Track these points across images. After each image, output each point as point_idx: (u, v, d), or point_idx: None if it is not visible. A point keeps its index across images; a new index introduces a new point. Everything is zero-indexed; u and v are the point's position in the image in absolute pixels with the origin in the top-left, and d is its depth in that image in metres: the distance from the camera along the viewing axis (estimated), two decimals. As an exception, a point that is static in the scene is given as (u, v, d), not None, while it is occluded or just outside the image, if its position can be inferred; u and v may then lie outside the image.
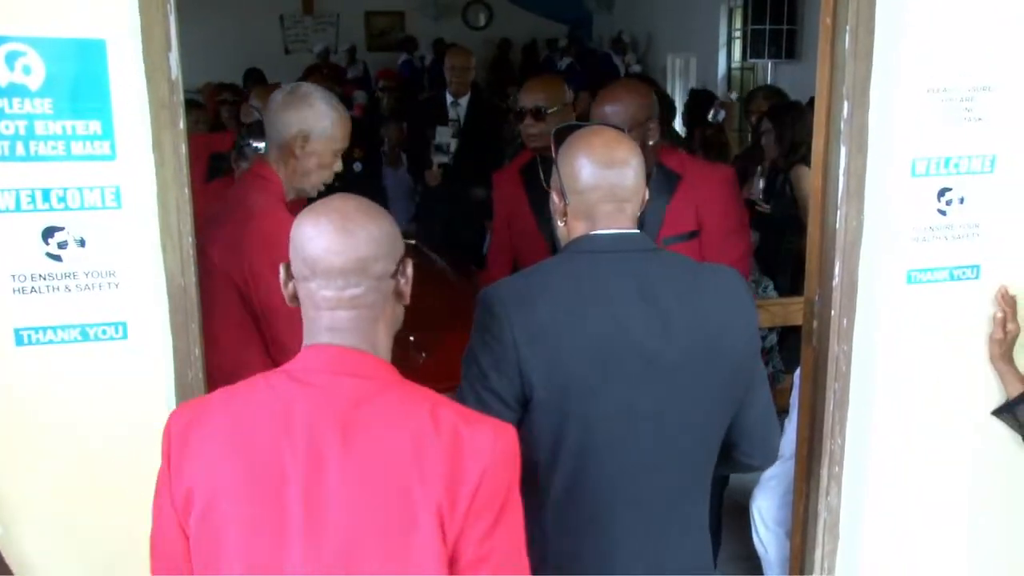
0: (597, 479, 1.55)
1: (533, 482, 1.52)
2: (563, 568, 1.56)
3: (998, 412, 2.32)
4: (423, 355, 2.65)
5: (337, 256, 1.30)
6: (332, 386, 1.27)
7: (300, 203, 2.75)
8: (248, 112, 4.10)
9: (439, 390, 1.34)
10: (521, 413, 1.53)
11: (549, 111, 2.87)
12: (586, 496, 1.56)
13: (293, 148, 2.30)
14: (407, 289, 1.38)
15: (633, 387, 1.52)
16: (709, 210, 2.55)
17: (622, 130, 2.41)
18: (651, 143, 2.50)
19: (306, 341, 1.33)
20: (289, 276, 1.36)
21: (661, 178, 2.53)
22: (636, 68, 9.89)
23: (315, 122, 2.31)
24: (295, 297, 1.36)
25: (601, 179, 1.57)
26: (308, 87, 2.41)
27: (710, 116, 5.80)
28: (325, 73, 7.46)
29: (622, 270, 1.55)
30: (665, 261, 1.62)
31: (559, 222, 1.64)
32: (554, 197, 1.65)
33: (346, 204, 1.34)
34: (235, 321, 2.26)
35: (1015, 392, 2.26)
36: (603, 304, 1.52)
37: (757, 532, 2.90)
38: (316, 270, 1.31)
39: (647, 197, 1.64)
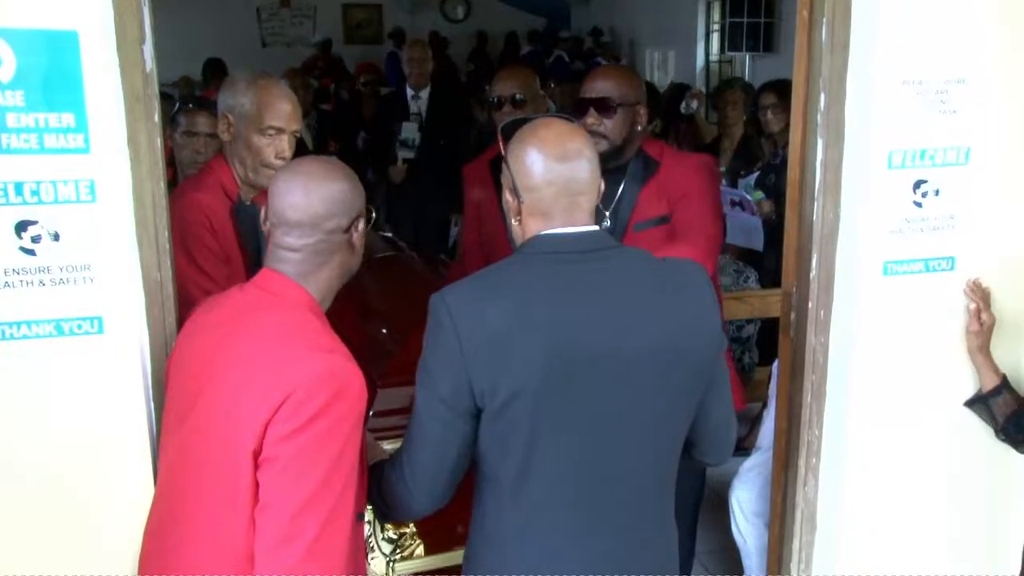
0: (560, 485, 1.53)
1: (498, 492, 1.55)
2: (531, 571, 1.55)
3: (970, 403, 2.34)
4: (395, 347, 2.66)
5: (294, 211, 1.61)
6: (245, 294, 1.65)
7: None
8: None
9: (411, 382, 1.55)
10: (474, 423, 1.51)
11: (524, 100, 2.91)
12: (551, 502, 1.54)
13: (223, 135, 2.31)
14: (359, 242, 1.68)
15: (590, 391, 1.48)
16: (683, 191, 2.52)
17: (612, 108, 2.45)
18: (639, 128, 2.52)
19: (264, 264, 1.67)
20: (266, 217, 1.67)
21: (640, 164, 2.54)
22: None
23: (233, 100, 2.30)
24: (270, 233, 1.66)
25: (555, 174, 1.52)
26: (262, 73, 2.42)
27: (683, 107, 5.85)
28: (321, 66, 7.38)
29: (577, 271, 1.51)
30: (624, 259, 1.56)
31: (513, 221, 1.59)
32: (507, 195, 1.60)
33: (311, 166, 1.65)
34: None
35: (990, 384, 2.28)
36: (556, 307, 1.47)
37: (736, 523, 2.92)
38: (279, 220, 1.63)
39: (603, 188, 1.60)
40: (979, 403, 2.32)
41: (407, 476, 1.57)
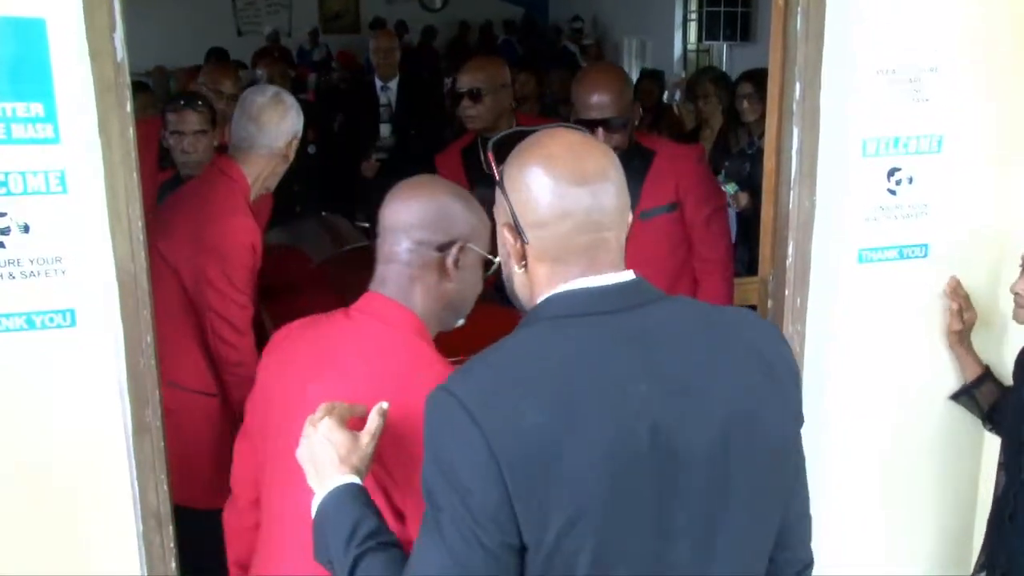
0: None
1: None
2: None
3: (956, 396, 2.36)
4: None
5: (388, 216, 1.56)
6: (351, 321, 1.55)
7: (263, 200, 2.81)
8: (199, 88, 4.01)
9: None
10: (518, 563, 1.08)
11: (486, 93, 2.91)
12: None
13: (288, 153, 2.49)
14: (453, 271, 1.52)
15: (662, 500, 1.09)
16: (688, 188, 2.61)
17: (619, 126, 2.37)
18: (635, 124, 2.56)
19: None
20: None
21: (637, 156, 2.56)
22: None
23: (299, 124, 2.52)
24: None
25: (572, 202, 1.13)
26: (282, 92, 2.56)
27: (665, 97, 5.84)
28: (276, 56, 7.35)
29: (620, 338, 1.11)
30: (675, 316, 1.18)
31: (516, 267, 1.19)
32: (505, 235, 1.20)
33: (420, 180, 1.61)
34: (173, 311, 2.34)
35: (973, 375, 2.30)
36: (606, 393, 1.08)
37: None
38: (379, 228, 1.58)
39: (631, 220, 1.22)
40: (964, 395, 2.34)
41: None
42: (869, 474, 2.42)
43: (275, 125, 2.47)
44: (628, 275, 1.18)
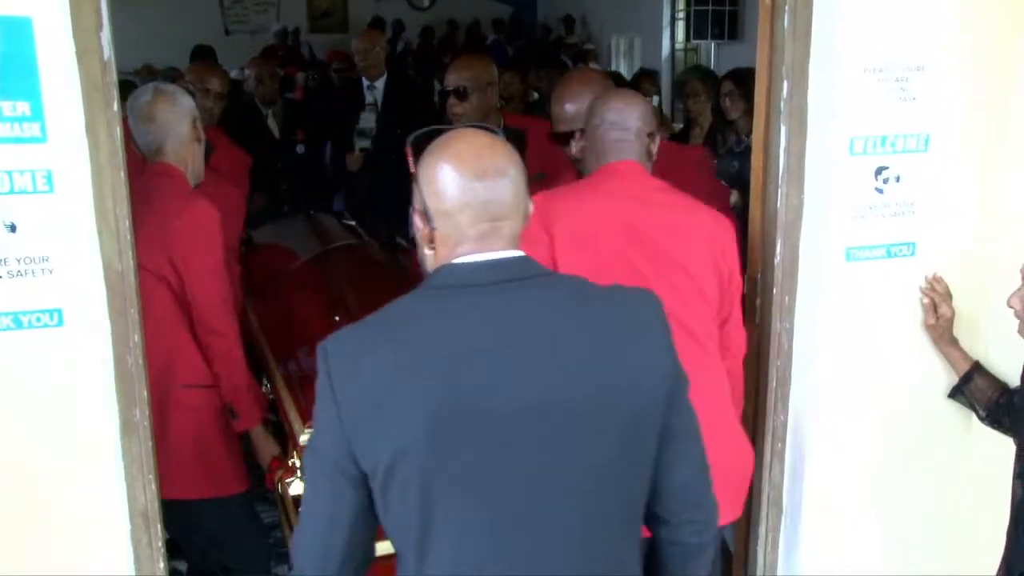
0: (462, 562, 1.28)
1: (401, 561, 1.34)
2: None
3: (953, 394, 2.37)
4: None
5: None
6: None
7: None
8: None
9: None
10: (366, 493, 1.29)
11: (472, 91, 2.91)
12: None
13: (197, 134, 2.53)
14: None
15: (497, 448, 1.26)
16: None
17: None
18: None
19: None
20: None
21: None
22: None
23: (190, 103, 2.54)
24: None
25: (471, 195, 1.29)
26: (160, 84, 2.64)
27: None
28: (281, 55, 7.29)
29: (487, 306, 1.29)
30: (550, 290, 1.34)
31: (426, 250, 1.36)
32: (416, 221, 1.36)
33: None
34: (171, 318, 2.40)
35: (961, 371, 2.31)
36: (451, 352, 1.26)
37: None
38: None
39: (530, 211, 1.37)
40: (959, 394, 2.35)
41: (297, 548, 1.35)
42: (858, 472, 2.43)
43: (171, 115, 2.48)
44: (515, 253, 1.33)
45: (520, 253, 1.34)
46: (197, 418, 2.46)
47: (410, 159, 1.40)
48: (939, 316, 2.29)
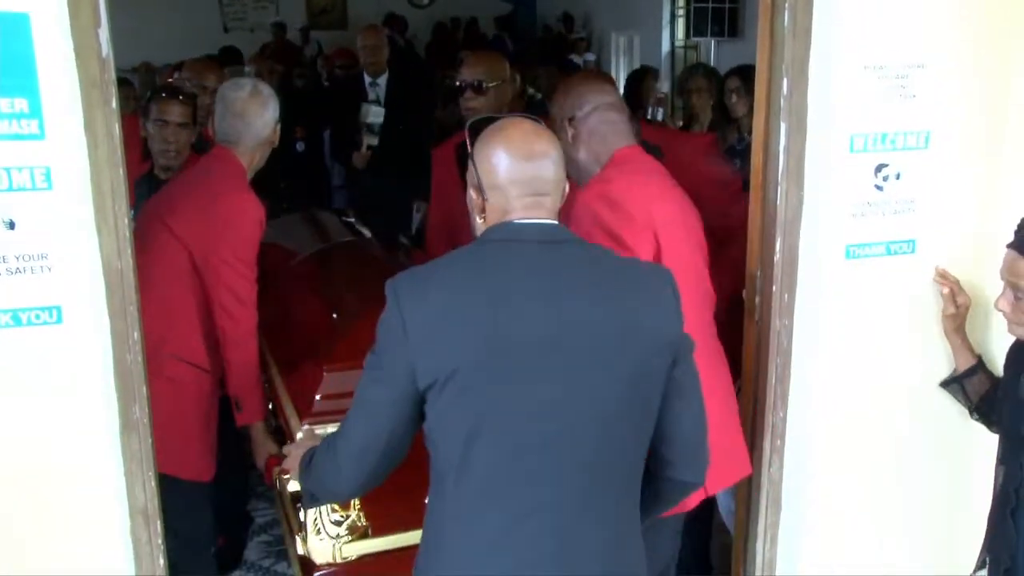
0: (499, 473, 1.48)
1: (442, 483, 1.52)
2: (460, 564, 1.51)
3: (946, 384, 2.37)
4: (346, 332, 2.67)
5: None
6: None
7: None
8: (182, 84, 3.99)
9: (358, 367, 1.56)
10: (413, 409, 1.50)
11: (489, 86, 2.91)
12: (489, 491, 1.49)
13: (273, 139, 2.65)
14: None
15: (534, 375, 1.46)
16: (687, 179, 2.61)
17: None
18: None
19: None
20: None
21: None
22: (591, 58, 9.92)
23: (277, 110, 2.65)
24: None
25: (520, 172, 1.53)
26: (258, 83, 2.69)
27: (648, 115, 5.82)
28: (272, 51, 7.27)
29: (529, 256, 1.52)
30: (581, 254, 1.56)
31: (478, 219, 1.60)
32: (471, 193, 1.60)
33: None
34: (179, 286, 2.50)
35: (965, 365, 2.31)
36: (500, 289, 1.48)
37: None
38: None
39: (567, 189, 1.61)
40: (954, 383, 2.35)
41: (338, 449, 1.56)
42: (857, 469, 2.43)
43: (259, 117, 2.59)
44: (554, 222, 1.57)
45: (557, 223, 1.57)
46: (175, 392, 2.47)
47: (468, 140, 1.64)
48: (958, 305, 2.29)
